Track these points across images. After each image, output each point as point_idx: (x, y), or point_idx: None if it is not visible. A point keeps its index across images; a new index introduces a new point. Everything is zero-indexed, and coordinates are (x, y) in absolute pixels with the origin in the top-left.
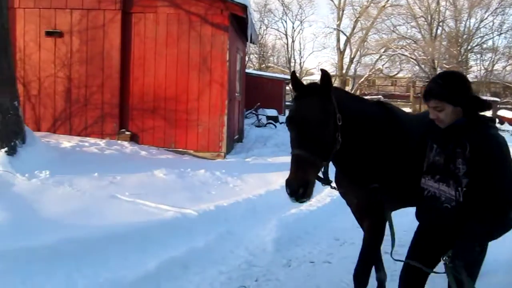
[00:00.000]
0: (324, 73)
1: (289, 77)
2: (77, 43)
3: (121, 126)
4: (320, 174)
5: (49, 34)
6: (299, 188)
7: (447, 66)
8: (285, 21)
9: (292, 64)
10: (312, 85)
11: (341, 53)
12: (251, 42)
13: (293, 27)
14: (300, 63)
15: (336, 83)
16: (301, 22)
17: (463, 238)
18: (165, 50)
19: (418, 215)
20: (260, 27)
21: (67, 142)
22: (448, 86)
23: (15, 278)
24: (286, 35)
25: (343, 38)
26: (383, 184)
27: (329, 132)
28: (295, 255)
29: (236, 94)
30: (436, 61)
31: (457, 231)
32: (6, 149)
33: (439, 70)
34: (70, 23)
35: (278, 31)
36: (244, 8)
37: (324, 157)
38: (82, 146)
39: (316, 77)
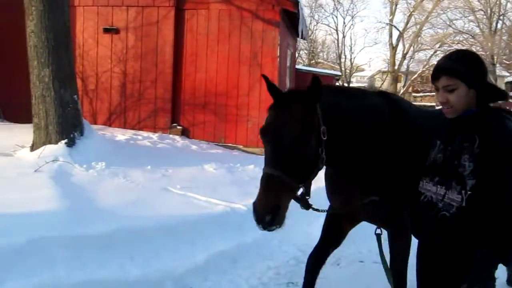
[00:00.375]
0: (314, 80)
1: (339, 73)
2: (132, 39)
3: (173, 120)
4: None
5: (106, 30)
6: (265, 215)
7: (507, 62)
8: (336, 16)
9: (342, 60)
10: (294, 92)
11: (394, 48)
12: (301, 38)
13: (344, 22)
14: (351, 59)
15: (387, 79)
16: (352, 17)
17: (477, 269)
18: (217, 46)
19: (412, 229)
20: (310, 23)
21: (121, 135)
22: (463, 63)
23: (74, 264)
24: (336, 30)
25: (395, 33)
26: (389, 193)
27: (309, 149)
28: (344, 254)
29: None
30: (495, 57)
31: (462, 252)
32: (66, 140)
33: (498, 67)
34: (126, 20)
35: (329, 26)
36: (296, 3)
37: (302, 179)
38: (135, 139)
39: (367, 73)
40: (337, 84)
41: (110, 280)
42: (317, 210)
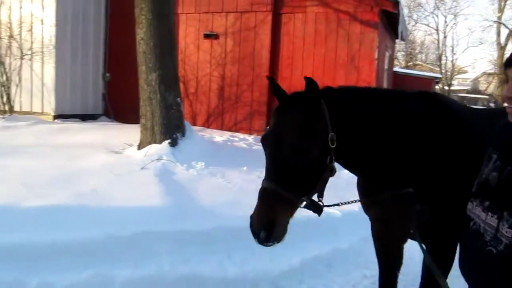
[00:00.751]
0: (308, 81)
1: (439, 75)
2: (230, 44)
3: (268, 123)
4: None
5: (206, 36)
6: (260, 230)
7: None
8: (437, 15)
9: (443, 62)
10: (296, 95)
11: (502, 48)
12: (401, 39)
13: (445, 22)
14: (452, 60)
15: (494, 82)
16: (455, 15)
17: None
18: (313, 49)
19: (459, 260)
20: (409, 23)
21: (219, 136)
22: None
23: (178, 258)
24: (437, 30)
25: (504, 32)
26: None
27: (310, 159)
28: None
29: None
30: None
31: None
32: (169, 140)
33: None
34: (225, 26)
35: (428, 26)
36: (396, 3)
37: (303, 192)
38: (232, 140)
39: (470, 75)
40: (437, 87)
41: (210, 276)
42: (332, 205)
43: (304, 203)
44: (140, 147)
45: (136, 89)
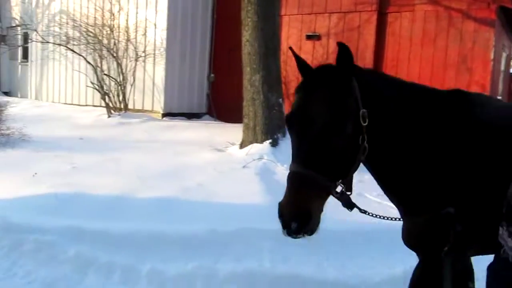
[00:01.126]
0: (342, 48)
1: None
2: (333, 45)
3: None
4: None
5: (309, 37)
6: (291, 221)
7: None
8: None
9: None
10: (323, 68)
11: None
12: None
13: None
14: None
15: None
16: None
17: None
18: (420, 50)
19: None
20: None
21: None
22: None
23: (278, 256)
24: None
25: None
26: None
27: (346, 138)
28: None
29: (498, 97)
30: None
31: None
32: (270, 140)
33: None
34: (328, 26)
35: None
36: None
37: (338, 175)
38: None
39: None
40: None
41: (309, 277)
42: (364, 212)
43: (340, 189)
44: (242, 146)
45: (239, 89)
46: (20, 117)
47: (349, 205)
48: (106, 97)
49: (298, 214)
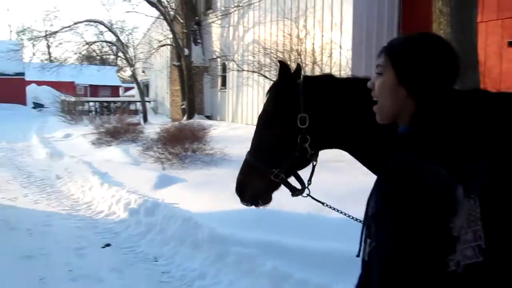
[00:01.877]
0: (281, 64)
1: None
2: None
3: None
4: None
5: (511, 44)
6: (236, 191)
7: None
8: None
9: None
10: (277, 80)
11: None
12: None
13: None
14: None
15: None
16: None
17: None
18: None
19: None
20: None
21: None
22: (412, 44)
23: None
24: None
25: None
26: None
27: (276, 136)
28: None
29: None
30: None
31: None
32: None
33: None
34: None
35: None
36: None
37: (273, 165)
38: None
39: None
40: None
41: None
42: (321, 202)
43: (274, 177)
44: None
45: None
46: (221, 138)
47: (292, 189)
48: None
49: (237, 188)
